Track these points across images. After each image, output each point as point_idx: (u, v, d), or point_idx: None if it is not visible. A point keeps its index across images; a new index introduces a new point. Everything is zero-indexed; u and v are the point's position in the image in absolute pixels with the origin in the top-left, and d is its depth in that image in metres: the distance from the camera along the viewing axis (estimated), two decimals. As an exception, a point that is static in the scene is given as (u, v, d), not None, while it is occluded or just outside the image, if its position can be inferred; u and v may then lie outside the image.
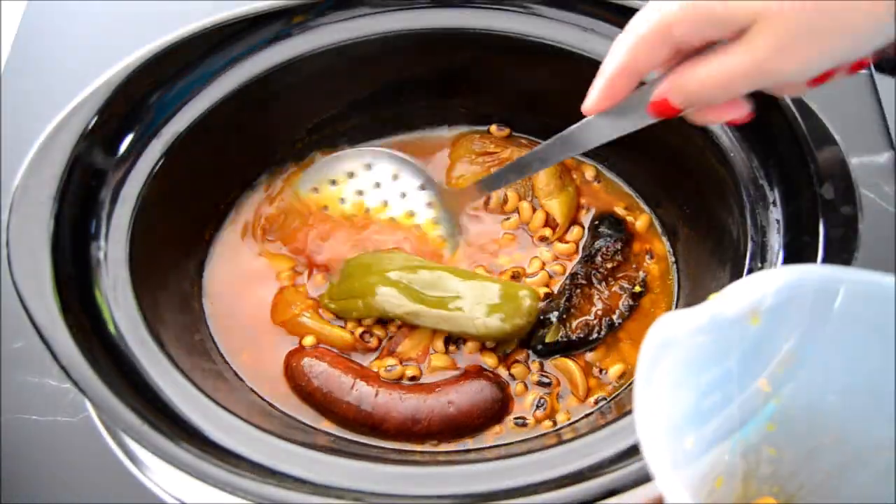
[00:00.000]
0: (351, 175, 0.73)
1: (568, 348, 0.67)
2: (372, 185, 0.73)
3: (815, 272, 0.45)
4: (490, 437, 0.65)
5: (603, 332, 0.68)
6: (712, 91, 0.46)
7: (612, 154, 0.77)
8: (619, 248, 0.72)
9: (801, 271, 0.44)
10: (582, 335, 0.67)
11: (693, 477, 0.44)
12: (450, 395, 0.63)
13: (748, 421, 0.46)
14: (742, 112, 0.50)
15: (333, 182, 0.73)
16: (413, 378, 0.66)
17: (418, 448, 0.63)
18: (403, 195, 0.73)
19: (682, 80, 0.47)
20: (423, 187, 0.72)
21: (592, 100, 0.53)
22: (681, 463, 0.42)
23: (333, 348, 0.68)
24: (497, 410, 0.64)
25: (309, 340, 0.68)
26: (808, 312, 0.44)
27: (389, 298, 0.66)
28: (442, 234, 0.72)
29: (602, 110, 0.53)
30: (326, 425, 0.64)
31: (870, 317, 0.44)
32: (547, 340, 0.67)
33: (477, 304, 0.65)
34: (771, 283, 0.43)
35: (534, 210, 0.75)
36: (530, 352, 0.68)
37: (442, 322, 0.66)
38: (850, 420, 0.46)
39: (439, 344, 0.68)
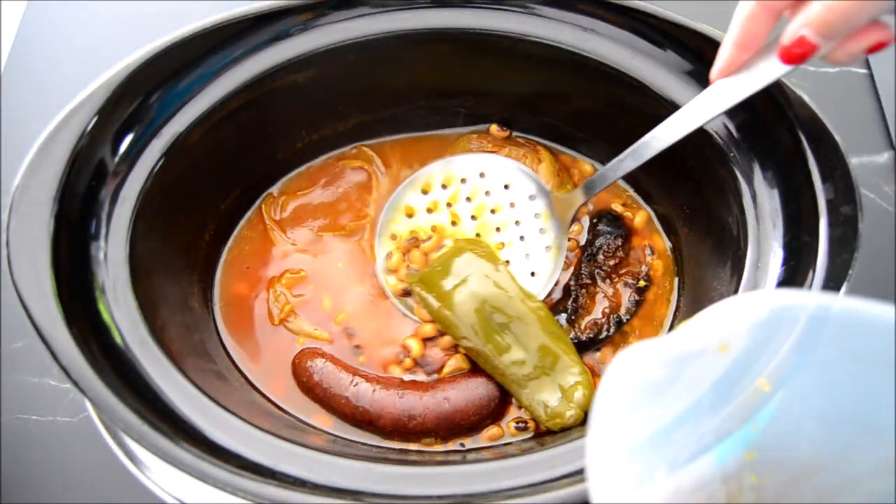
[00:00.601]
0: (463, 181, 0.74)
1: (578, 349, 0.67)
2: (482, 193, 0.74)
3: (786, 299, 0.44)
4: (489, 439, 0.65)
5: (612, 330, 0.68)
6: (857, 10, 0.43)
7: (609, 152, 0.77)
8: (620, 244, 0.72)
9: (771, 299, 0.43)
10: (592, 335, 0.68)
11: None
12: (446, 391, 0.63)
13: (726, 452, 0.45)
14: (886, 34, 0.46)
15: (444, 186, 0.74)
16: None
17: (415, 446, 0.63)
18: (513, 205, 0.73)
19: (821, 6, 0.44)
20: (532, 197, 0.73)
21: (728, 54, 0.49)
22: (651, 494, 0.41)
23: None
24: (493, 408, 0.64)
25: (302, 340, 0.69)
26: (781, 340, 0.44)
27: (461, 323, 0.65)
28: (548, 244, 0.72)
29: (740, 64, 0.50)
30: (325, 422, 0.65)
31: (848, 345, 0.43)
32: None
33: (540, 384, 0.63)
34: (739, 313, 0.42)
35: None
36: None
37: (496, 374, 0.64)
38: (832, 448, 0.46)
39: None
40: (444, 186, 0.74)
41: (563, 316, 0.68)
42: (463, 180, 0.74)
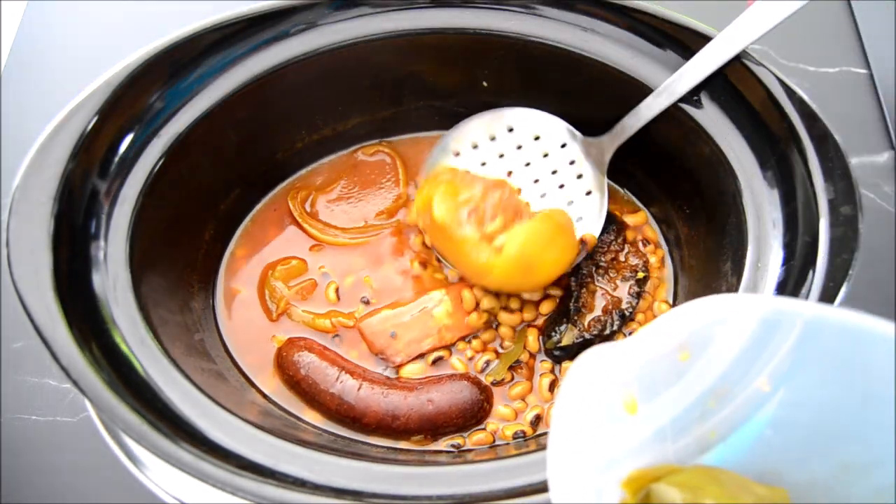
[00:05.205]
0: (493, 138, 0.74)
1: (584, 347, 0.65)
2: (514, 148, 0.74)
3: (744, 303, 0.44)
4: (476, 444, 0.65)
5: (616, 325, 0.68)
6: None
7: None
8: (614, 237, 0.72)
9: (729, 302, 0.43)
10: (596, 332, 0.67)
11: None
12: (430, 393, 0.64)
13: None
14: None
15: (475, 146, 0.74)
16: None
17: (404, 444, 0.63)
18: (546, 155, 0.73)
19: None
20: (564, 145, 0.73)
21: None
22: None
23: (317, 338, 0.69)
24: (476, 411, 0.64)
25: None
26: (742, 345, 0.43)
27: None
28: (588, 188, 0.72)
29: None
30: (312, 417, 0.65)
31: (818, 351, 0.42)
32: (563, 344, 0.67)
33: None
34: (697, 317, 0.42)
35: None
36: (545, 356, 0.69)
37: None
38: (790, 455, 0.45)
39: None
40: (473, 146, 0.74)
41: (566, 317, 0.68)
42: (492, 138, 0.74)
